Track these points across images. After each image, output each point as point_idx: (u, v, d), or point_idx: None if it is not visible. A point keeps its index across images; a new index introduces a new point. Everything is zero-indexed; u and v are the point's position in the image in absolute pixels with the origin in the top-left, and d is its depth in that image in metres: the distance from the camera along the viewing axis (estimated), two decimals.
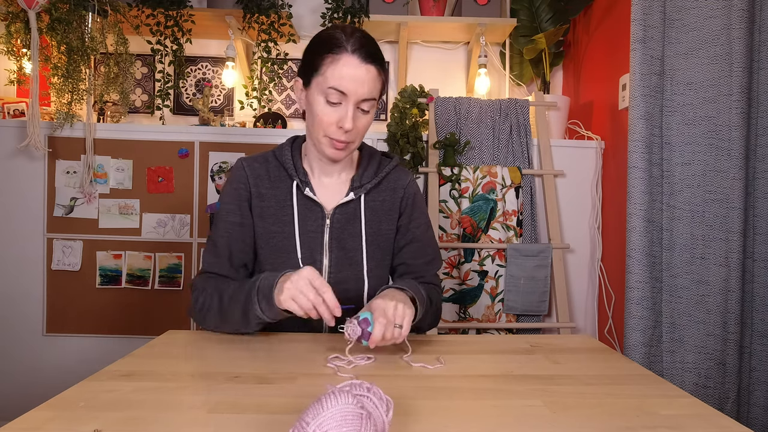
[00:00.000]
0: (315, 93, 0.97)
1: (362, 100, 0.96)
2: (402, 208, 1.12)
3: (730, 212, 1.38)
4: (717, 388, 1.41)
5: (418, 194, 1.15)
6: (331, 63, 0.94)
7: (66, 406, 0.63)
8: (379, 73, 0.97)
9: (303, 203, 1.06)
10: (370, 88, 0.95)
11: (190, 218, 2.02)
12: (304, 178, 1.06)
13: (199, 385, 0.71)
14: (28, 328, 1.99)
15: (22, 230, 1.99)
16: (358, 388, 0.53)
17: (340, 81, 0.93)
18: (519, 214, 1.99)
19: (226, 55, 2.34)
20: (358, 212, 1.08)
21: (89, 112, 1.98)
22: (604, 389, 0.73)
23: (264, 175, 1.07)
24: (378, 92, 0.99)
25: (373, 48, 0.97)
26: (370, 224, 1.08)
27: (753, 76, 1.39)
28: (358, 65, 0.94)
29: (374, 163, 1.11)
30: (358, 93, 0.94)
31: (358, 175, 1.08)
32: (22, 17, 1.87)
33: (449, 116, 2.06)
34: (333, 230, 1.06)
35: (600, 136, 2.07)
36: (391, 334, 0.81)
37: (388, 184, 1.12)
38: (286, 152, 1.08)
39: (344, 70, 0.93)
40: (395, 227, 1.12)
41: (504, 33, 2.40)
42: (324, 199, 1.07)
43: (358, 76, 0.94)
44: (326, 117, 0.96)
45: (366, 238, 1.07)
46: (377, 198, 1.10)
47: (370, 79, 0.95)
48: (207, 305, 0.97)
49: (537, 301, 1.97)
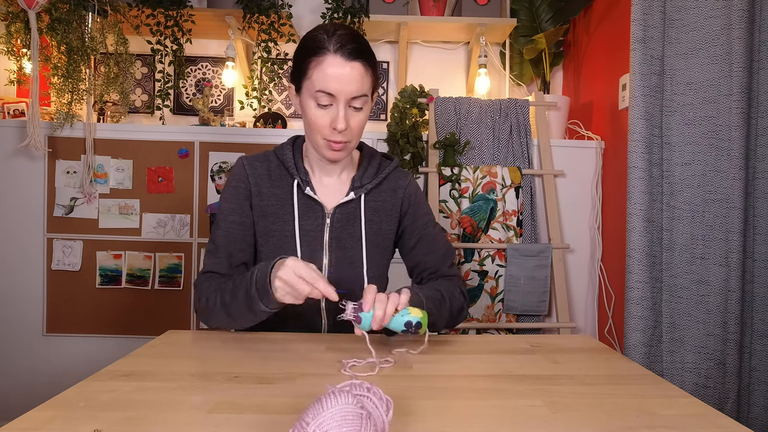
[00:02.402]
0: (306, 97, 0.97)
1: (352, 98, 0.95)
2: (403, 209, 1.12)
3: (730, 212, 1.38)
4: (717, 388, 1.40)
5: (419, 193, 1.15)
6: (315, 66, 0.93)
7: (66, 406, 0.63)
8: (366, 69, 0.95)
9: (303, 202, 1.06)
10: (357, 85, 0.94)
11: (190, 218, 2.02)
12: (304, 177, 1.06)
13: (199, 385, 0.71)
14: (28, 328, 1.99)
15: (22, 230, 1.99)
16: (358, 388, 0.53)
17: (326, 83, 0.93)
18: (519, 214, 1.99)
19: (226, 55, 2.34)
20: (359, 212, 1.08)
21: (89, 112, 1.98)
22: (604, 389, 0.73)
23: (264, 174, 1.08)
24: (368, 88, 0.97)
25: (357, 44, 0.95)
26: (371, 224, 1.08)
27: (753, 76, 1.39)
28: (342, 64, 0.92)
29: (374, 164, 1.12)
30: (345, 92, 0.93)
31: (359, 175, 1.08)
32: (22, 17, 1.87)
33: (449, 116, 2.06)
34: (333, 229, 1.06)
35: (600, 136, 2.07)
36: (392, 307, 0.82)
37: (388, 184, 1.12)
38: (287, 151, 1.08)
39: (329, 70, 0.92)
40: (396, 228, 1.12)
41: (504, 33, 2.40)
42: (324, 198, 1.07)
43: (343, 75, 0.92)
44: (319, 120, 0.96)
45: (366, 237, 1.07)
46: (378, 198, 1.10)
47: (357, 76, 0.94)
48: (210, 306, 0.98)
49: (537, 301, 1.97)
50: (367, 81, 0.96)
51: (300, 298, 0.84)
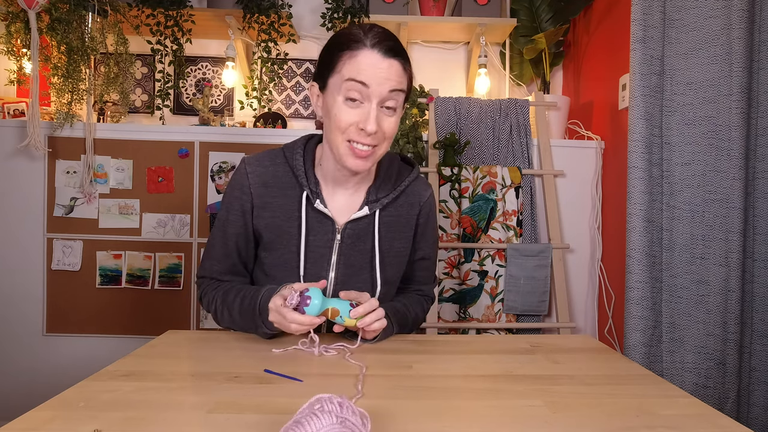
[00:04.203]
0: (332, 93, 0.88)
1: (388, 96, 0.86)
2: (419, 225, 1.05)
3: (730, 212, 1.38)
4: (717, 388, 1.40)
5: (434, 208, 1.09)
6: (348, 59, 0.85)
7: (66, 406, 0.63)
8: (404, 69, 0.88)
9: (312, 216, 0.97)
10: (394, 82, 0.86)
11: (190, 218, 2.02)
12: (315, 188, 0.96)
13: (199, 385, 0.71)
14: (28, 328, 1.99)
15: (22, 230, 1.99)
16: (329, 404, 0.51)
17: (359, 73, 0.84)
18: (519, 214, 1.99)
19: (226, 55, 2.34)
20: (371, 228, 0.98)
21: (89, 112, 1.98)
22: (604, 389, 0.73)
23: (270, 182, 0.98)
24: (405, 86, 0.89)
25: (395, 42, 0.87)
26: (384, 241, 1.00)
27: (753, 76, 1.39)
28: (379, 59, 0.84)
29: (393, 172, 1.02)
30: (381, 88, 0.85)
31: (375, 187, 0.99)
32: (22, 17, 1.87)
33: (449, 116, 2.06)
34: (343, 246, 0.97)
35: (600, 136, 2.07)
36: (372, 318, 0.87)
37: (406, 198, 1.02)
38: (298, 156, 0.98)
39: (364, 63, 0.84)
40: (410, 246, 1.05)
41: (504, 33, 2.40)
42: (336, 212, 0.97)
43: (380, 71, 0.84)
44: (345, 117, 0.86)
45: (379, 256, 0.99)
46: (393, 213, 1.01)
47: (395, 74, 0.86)
48: (219, 318, 1.01)
49: (537, 301, 1.97)
50: (404, 80, 0.88)
51: (296, 332, 0.87)
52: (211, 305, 1.01)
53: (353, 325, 0.88)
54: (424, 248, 1.08)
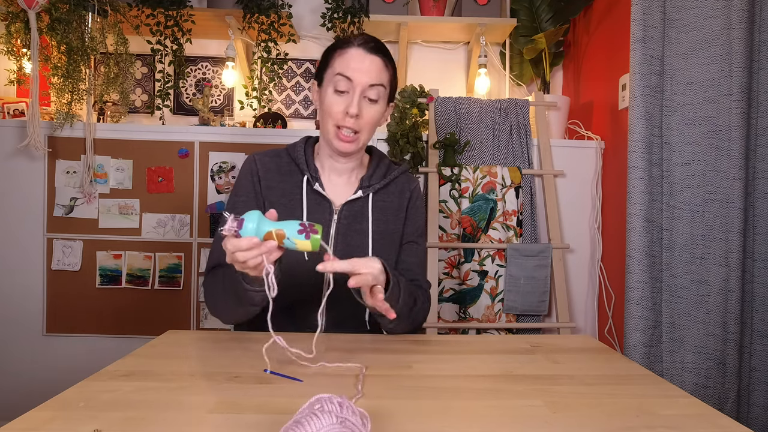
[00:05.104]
0: (326, 86, 1.04)
1: (369, 88, 1.01)
2: (408, 211, 1.16)
3: (730, 212, 1.38)
4: (717, 388, 1.40)
5: (422, 200, 1.20)
6: (338, 56, 1.03)
7: (66, 406, 0.63)
8: (385, 65, 1.04)
9: (312, 198, 1.09)
10: (375, 75, 1.02)
11: (190, 218, 2.02)
12: (314, 173, 1.09)
13: (199, 385, 0.71)
14: (28, 328, 1.99)
15: (22, 230, 1.99)
16: (329, 405, 0.51)
17: (346, 68, 1.01)
18: (519, 214, 1.99)
19: (226, 55, 2.34)
20: (366, 210, 1.10)
21: (89, 112, 1.98)
22: (604, 389, 0.73)
23: (274, 169, 1.11)
24: (386, 80, 1.05)
25: (379, 43, 1.05)
26: (378, 223, 1.11)
27: (753, 76, 1.39)
28: (363, 55, 1.02)
29: (383, 167, 1.16)
30: (363, 80, 1.01)
31: (368, 176, 1.12)
32: (22, 17, 1.87)
33: (449, 116, 2.06)
34: (340, 225, 1.08)
35: (600, 136, 2.07)
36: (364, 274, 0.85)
37: (396, 187, 1.16)
38: (299, 149, 1.12)
39: (350, 59, 1.01)
40: (402, 227, 1.15)
41: (504, 33, 2.40)
42: (333, 195, 1.10)
43: (363, 64, 1.01)
44: (335, 105, 1.02)
45: (373, 236, 1.09)
46: (385, 198, 1.14)
47: (376, 68, 1.02)
48: (214, 298, 1.01)
49: (537, 301, 1.97)
50: (384, 74, 1.04)
51: (255, 268, 0.80)
52: (208, 287, 1.04)
53: (310, 249, 0.79)
54: (412, 233, 1.16)
